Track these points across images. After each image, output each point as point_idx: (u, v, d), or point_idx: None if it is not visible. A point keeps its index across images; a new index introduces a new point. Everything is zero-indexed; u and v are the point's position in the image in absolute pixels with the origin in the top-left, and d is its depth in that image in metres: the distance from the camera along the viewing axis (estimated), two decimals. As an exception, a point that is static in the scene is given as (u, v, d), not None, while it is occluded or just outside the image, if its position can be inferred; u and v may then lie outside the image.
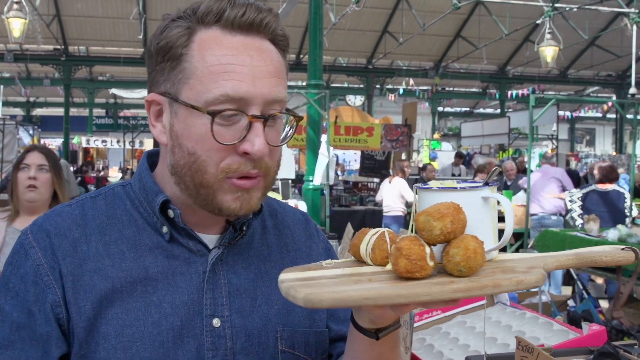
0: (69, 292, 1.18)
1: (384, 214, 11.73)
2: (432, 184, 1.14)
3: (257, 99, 1.15)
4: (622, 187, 9.48)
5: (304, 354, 1.32)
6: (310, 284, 1.02)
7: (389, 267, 1.08)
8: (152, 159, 1.35)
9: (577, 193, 9.03)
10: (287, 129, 1.29)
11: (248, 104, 1.15)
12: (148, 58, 1.25)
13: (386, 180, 12.27)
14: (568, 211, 9.29)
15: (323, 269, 1.13)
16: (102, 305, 1.18)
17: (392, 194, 11.55)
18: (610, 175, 8.91)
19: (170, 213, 1.24)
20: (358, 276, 1.06)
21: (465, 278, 1.00)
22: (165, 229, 1.26)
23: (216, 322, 1.23)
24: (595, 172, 9.44)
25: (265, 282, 1.32)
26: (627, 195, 8.95)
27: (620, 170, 18.17)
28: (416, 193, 1.15)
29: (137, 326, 1.19)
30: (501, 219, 1.14)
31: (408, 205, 11.54)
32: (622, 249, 1.10)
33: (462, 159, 18.90)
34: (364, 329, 1.18)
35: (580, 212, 8.84)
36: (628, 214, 8.68)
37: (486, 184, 1.13)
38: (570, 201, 9.10)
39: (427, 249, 1.01)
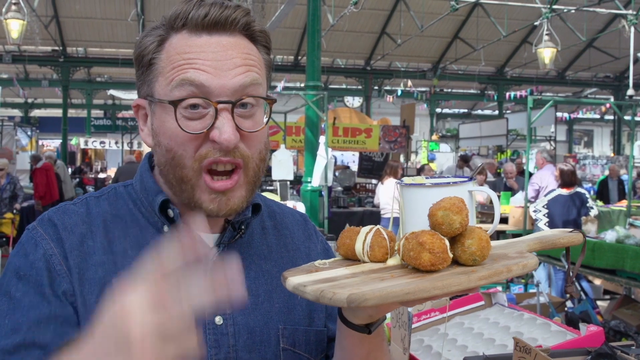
0: (75, 284, 1.19)
1: (382, 215, 11.70)
2: (407, 180, 1.19)
3: (222, 89, 1.17)
4: (584, 189, 9.62)
5: (305, 352, 1.34)
6: (338, 284, 1.02)
7: (390, 262, 1.11)
8: (152, 160, 1.37)
9: (542, 201, 9.14)
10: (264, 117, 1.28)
11: (213, 95, 1.17)
12: (134, 66, 1.30)
13: (379, 183, 12.21)
14: (534, 221, 9.37)
15: (323, 270, 1.13)
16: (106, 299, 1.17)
17: (387, 196, 11.49)
18: (572, 178, 9.03)
19: (170, 213, 1.26)
20: (374, 273, 1.07)
21: (480, 266, 1.05)
22: (166, 229, 1.28)
23: (218, 319, 1.24)
24: (557, 175, 9.54)
25: (267, 280, 1.33)
26: (588, 196, 9.10)
27: (622, 171, 18.19)
28: (401, 191, 1.19)
29: None
30: (501, 220, 1.18)
31: None
32: (570, 231, 1.24)
33: (467, 162, 18.88)
34: (356, 325, 1.19)
35: (547, 220, 8.96)
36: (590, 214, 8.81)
37: (470, 178, 1.18)
38: (535, 211, 9.22)
39: (446, 242, 1.05)
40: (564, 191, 8.95)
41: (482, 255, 1.05)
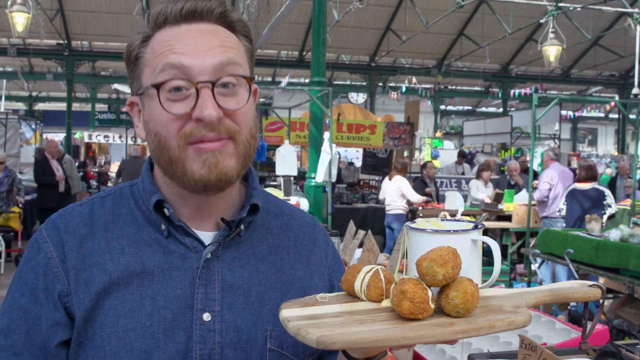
0: (72, 284, 1.26)
1: (386, 212, 11.67)
2: (420, 222, 1.21)
3: (202, 68, 1.22)
4: (602, 185, 9.68)
5: (292, 355, 1.35)
6: (317, 323, 1.07)
7: (384, 303, 1.15)
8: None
9: (562, 200, 9.26)
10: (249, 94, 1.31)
11: (194, 75, 1.22)
12: (125, 66, 1.37)
13: (386, 178, 12.17)
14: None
15: (319, 304, 1.18)
16: (99, 297, 1.25)
17: (393, 192, 11.45)
18: (588, 174, 9.07)
19: (166, 211, 1.30)
20: (360, 314, 1.11)
21: (462, 319, 1.07)
22: (163, 226, 1.32)
23: (206, 316, 1.27)
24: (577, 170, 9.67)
25: (261, 281, 1.35)
26: (607, 193, 9.10)
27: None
28: (406, 233, 1.22)
29: (132, 317, 1.25)
30: (505, 218, 1.19)
31: (409, 203, 11.48)
32: (590, 285, 1.20)
33: (465, 158, 18.88)
34: (355, 359, 1.23)
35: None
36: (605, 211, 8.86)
37: (475, 227, 1.19)
38: (559, 211, 9.33)
39: (429, 293, 1.07)
40: (579, 186, 9.01)
41: (465, 308, 1.06)
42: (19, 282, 1.29)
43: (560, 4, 15.63)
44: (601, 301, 1.22)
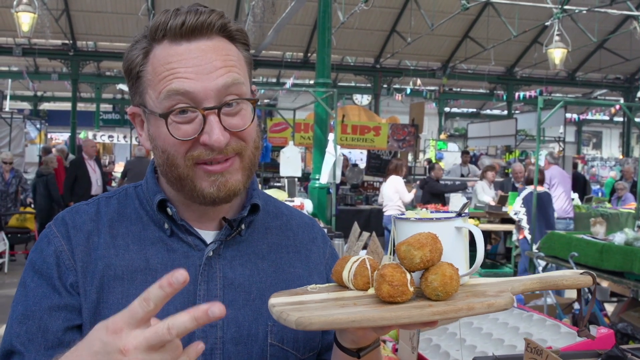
0: (79, 277, 1.30)
1: (383, 213, 11.61)
2: (408, 213, 1.24)
3: (206, 92, 1.23)
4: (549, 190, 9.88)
5: (292, 350, 1.38)
6: (300, 307, 1.11)
7: (370, 291, 1.17)
8: None
9: (518, 202, 9.33)
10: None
11: (199, 99, 1.23)
12: (125, 78, 1.39)
13: (383, 183, 12.14)
14: (517, 222, 9.56)
15: (309, 294, 1.22)
16: (104, 290, 1.28)
17: (391, 192, 11.38)
18: (538, 176, 9.21)
19: (169, 211, 1.35)
20: (343, 300, 1.14)
21: (441, 302, 1.09)
22: (166, 226, 1.36)
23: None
24: (525, 174, 9.77)
25: (262, 278, 1.39)
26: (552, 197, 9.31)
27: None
28: (394, 223, 1.24)
29: None
30: (507, 220, 1.19)
31: (404, 203, 11.43)
32: (581, 273, 1.19)
33: (470, 156, 18.85)
34: (346, 348, 1.26)
35: (526, 217, 9.19)
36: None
37: (459, 214, 1.21)
38: (515, 213, 9.46)
39: (408, 276, 1.10)
40: (532, 188, 9.12)
41: (444, 291, 1.08)
42: (35, 274, 1.31)
43: (566, 7, 15.62)
44: (593, 288, 1.22)
